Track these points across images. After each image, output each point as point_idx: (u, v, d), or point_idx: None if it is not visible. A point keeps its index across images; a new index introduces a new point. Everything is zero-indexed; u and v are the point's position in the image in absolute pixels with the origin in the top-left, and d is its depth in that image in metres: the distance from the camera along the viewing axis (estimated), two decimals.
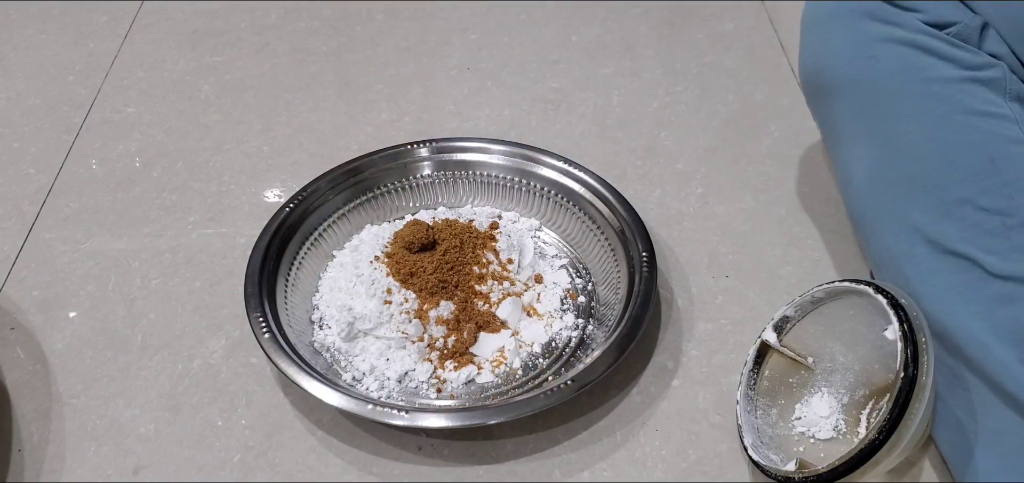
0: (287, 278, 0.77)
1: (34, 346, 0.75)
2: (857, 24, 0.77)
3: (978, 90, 0.70)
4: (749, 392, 0.68)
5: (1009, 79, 0.71)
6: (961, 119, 0.69)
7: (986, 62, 0.72)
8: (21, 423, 0.70)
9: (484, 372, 0.72)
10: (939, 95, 0.70)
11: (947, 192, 0.66)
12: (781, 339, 0.69)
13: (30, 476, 0.66)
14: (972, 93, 0.70)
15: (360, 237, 0.82)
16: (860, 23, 0.77)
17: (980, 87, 0.71)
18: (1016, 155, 0.66)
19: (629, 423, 0.69)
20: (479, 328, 0.73)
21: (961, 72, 0.71)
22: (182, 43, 1.13)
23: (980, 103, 0.70)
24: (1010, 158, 0.66)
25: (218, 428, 0.69)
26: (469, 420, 0.65)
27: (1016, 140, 0.67)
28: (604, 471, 0.67)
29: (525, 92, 1.04)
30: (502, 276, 0.77)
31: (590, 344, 0.74)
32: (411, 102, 1.03)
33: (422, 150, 0.87)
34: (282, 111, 1.02)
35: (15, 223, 0.87)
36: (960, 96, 0.70)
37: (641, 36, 1.12)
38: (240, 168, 0.94)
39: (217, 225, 0.87)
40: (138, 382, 0.73)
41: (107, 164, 0.94)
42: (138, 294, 0.80)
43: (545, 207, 0.84)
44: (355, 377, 0.71)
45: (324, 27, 1.15)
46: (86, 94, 1.04)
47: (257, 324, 0.70)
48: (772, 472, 0.62)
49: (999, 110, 0.69)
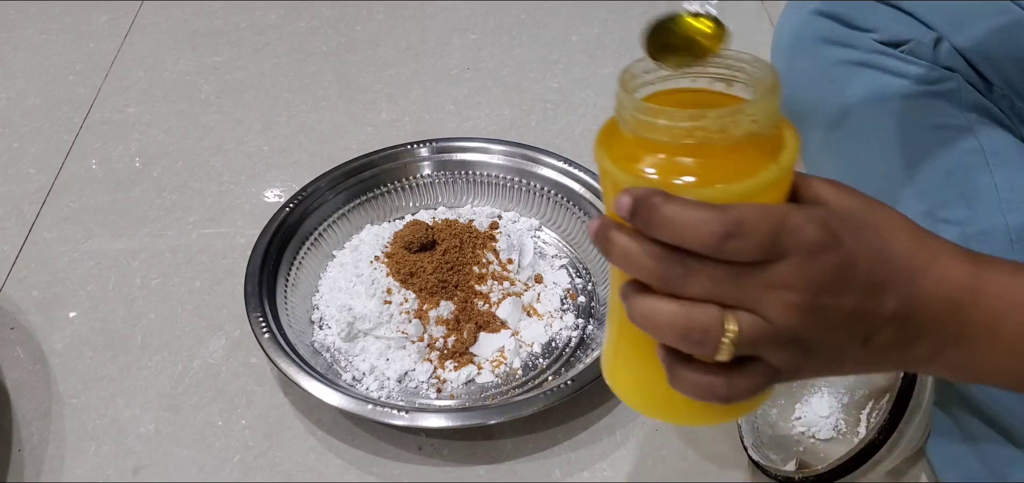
0: (287, 278, 0.77)
1: (34, 346, 0.75)
2: (817, 50, 0.78)
3: (935, 103, 0.71)
4: None
5: (965, 90, 0.72)
6: (919, 133, 0.70)
7: (941, 75, 0.73)
8: (21, 423, 0.70)
9: (484, 372, 0.72)
10: (897, 112, 0.71)
11: (908, 206, 0.66)
12: None
13: (30, 476, 0.66)
14: (929, 107, 0.71)
15: (360, 237, 0.82)
16: (819, 49, 0.78)
17: (936, 100, 0.71)
18: (973, 165, 0.66)
19: (629, 423, 0.69)
20: (479, 328, 0.73)
21: (917, 87, 0.72)
22: (182, 43, 1.13)
23: (937, 116, 0.70)
24: (967, 168, 0.66)
25: (218, 428, 0.69)
26: (469, 420, 0.65)
27: (973, 150, 0.67)
28: (604, 471, 0.67)
29: (525, 92, 1.04)
30: (502, 276, 0.77)
31: (590, 344, 0.74)
32: (411, 102, 1.03)
33: (422, 150, 0.87)
34: (282, 111, 1.02)
35: (15, 223, 0.87)
36: (917, 111, 0.71)
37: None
38: (240, 168, 0.94)
39: (217, 225, 0.87)
40: (138, 382, 0.73)
41: (107, 164, 0.94)
42: (138, 294, 0.80)
43: (545, 207, 0.84)
44: (355, 377, 0.71)
45: (324, 27, 1.15)
46: (86, 94, 1.04)
47: (257, 324, 0.70)
48: (772, 472, 0.62)
49: (955, 121, 0.70)
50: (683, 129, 0.38)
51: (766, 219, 0.37)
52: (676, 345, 0.39)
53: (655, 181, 0.38)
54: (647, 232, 0.37)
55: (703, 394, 0.39)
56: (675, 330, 0.38)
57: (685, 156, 0.38)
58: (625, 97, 0.40)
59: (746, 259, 0.37)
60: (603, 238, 0.39)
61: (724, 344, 0.37)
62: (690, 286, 0.37)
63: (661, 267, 0.38)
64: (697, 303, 0.38)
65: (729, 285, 0.37)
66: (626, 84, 0.41)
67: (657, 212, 0.37)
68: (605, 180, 0.41)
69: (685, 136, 0.38)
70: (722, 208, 0.36)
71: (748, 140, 0.38)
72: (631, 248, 0.38)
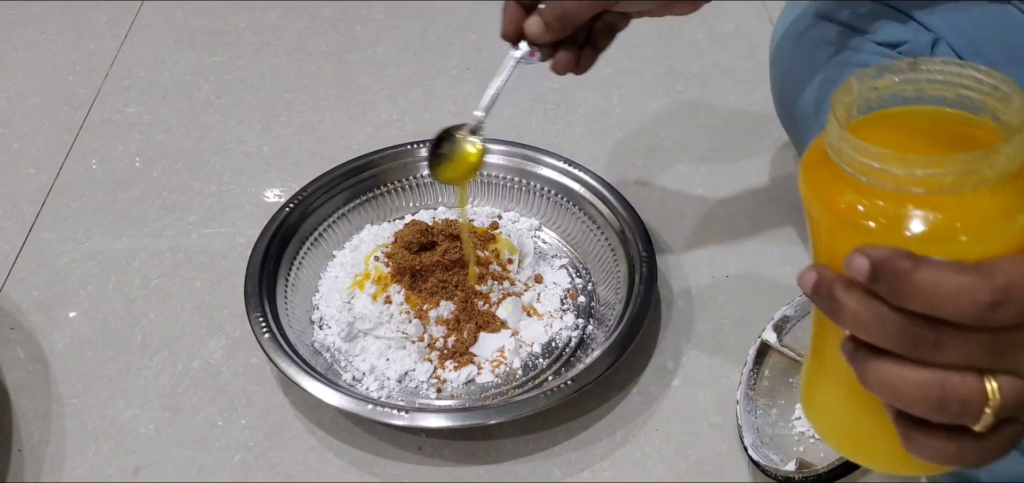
0: (287, 278, 0.77)
1: (34, 346, 0.75)
2: (816, 52, 0.78)
3: None
4: (749, 392, 0.68)
5: None
6: None
7: None
8: (21, 423, 0.70)
9: (484, 372, 0.72)
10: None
11: None
12: (781, 339, 0.69)
13: (30, 476, 0.66)
14: None
15: (360, 237, 0.82)
16: (818, 50, 0.78)
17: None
18: None
19: (629, 423, 0.69)
20: (479, 328, 0.73)
21: None
22: (182, 43, 1.13)
23: None
24: None
25: (218, 428, 0.69)
26: (469, 420, 0.65)
27: None
28: (604, 471, 0.67)
29: (525, 92, 1.04)
30: (502, 276, 0.77)
31: (590, 344, 0.74)
32: (411, 102, 1.03)
33: (422, 150, 0.86)
34: (282, 111, 1.02)
35: (15, 223, 0.87)
36: None
37: (641, 36, 1.11)
38: (240, 168, 0.94)
39: (217, 225, 0.87)
40: (138, 382, 0.73)
41: (107, 164, 0.94)
42: (138, 294, 0.80)
43: (545, 207, 0.84)
44: (355, 377, 0.71)
45: (324, 27, 1.15)
46: (86, 94, 1.04)
47: (257, 324, 0.70)
48: (772, 472, 0.62)
49: None
50: (918, 178, 0.32)
51: None
52: (925, 416, 0.35)
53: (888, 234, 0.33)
54: (891, 300, 0.33)
55: (949, 460, 0.36)
56: (927, 403, 0.34)
57: (924, 205, 0.33)
58: (840, 135, 0.34)
59: (1012, 324, 0.32)
60: (828, 298, 0.35)
61: (987, 414, 0.34)
62: (945, 355, 0.33)
63: (909, 336, 0.33)
64: (953, 371, 0.33)
65: (990, 352, 0.33)
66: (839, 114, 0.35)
67: (907, 280, 0.32)
68: (817, 225, 0.36)
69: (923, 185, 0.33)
70: (986, 273, 0.32)
71: (1001, 182, 0.33)
72: (868, 316, 0.34)
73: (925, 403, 0.34)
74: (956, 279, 0.32)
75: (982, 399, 0.33)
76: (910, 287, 0.32)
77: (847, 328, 0.35)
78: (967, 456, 0.35)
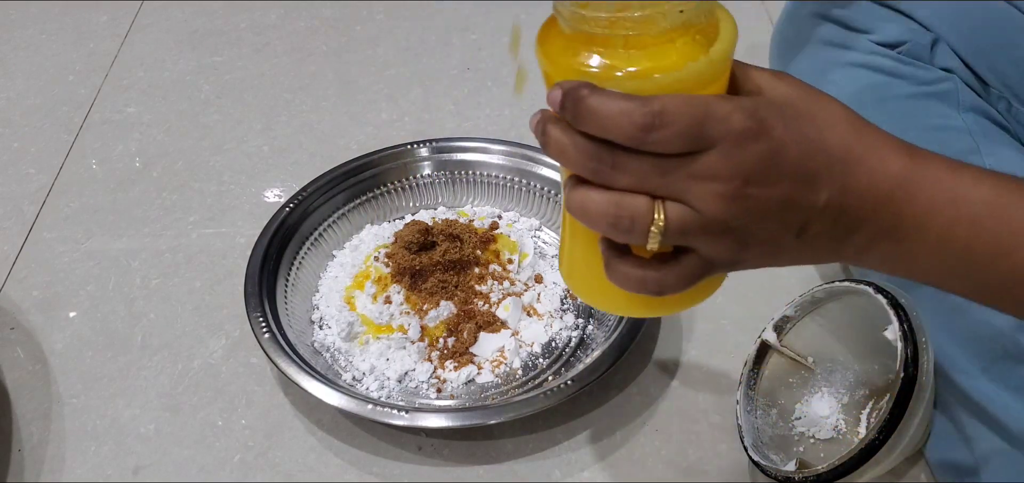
0: (287, 278, 0.77)
1: (34, 346, 0.75)
2: (816, 52, 0.78)
3: (932, 105, 0.71)
4: (749, 392, 0.68)
5: (961, 91, 0.72)
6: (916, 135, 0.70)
7: (938, 77, 0.73)
8: (21, 423, 0.70)
9: (484, 372, 0.72)
10: (894, 113, 0.71)
11: None
12: (781, 339, 0.69)
13: (30, 476, 0.66)
14: (926, 108, 0.71)
15: (360, 237, 0.82)
16: (818, 51, 0.78)
17: (934, 101, 0.71)
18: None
19: (629, 423, 0.69)
20: (479, 328, 0.73)
21: (914, 88, 0.72)
22: (182, 43, 1.13)
23: (934, 117, 0.70)
24: None
25: (218, 428, 0.69)
26: (469, 420, 0.65)
27: (970, 151, 0.68)
28: (604, 471, 0.67)
29: (525, 92, 1.03)
30: (502, 276, 0.77)
31: (590, 344, 0.74)
32: (411, 102, 1.03)
33: (422, 150, 0.87)
34: (282, 111, 1.02)
35: (15, 223, 0.87)
36: (915, 112, 0.71)
37: None
38: (240, 168, 0.94)
39: (217, 225, 0.87)
40: (138, 382, 0.73)
41: (107, 164, 0.94)
42: (138, 294, 0.80)
43: (545, 207, 0.84)
44: (355, 377, 0.71)
45: (324, 27, 1.15)
46: (86, 94, 1.04)
47: (257, 324, 0.70)
48: (772, 472, 0.62)
49: (952, 122, 0.70)
50: (605, 19, 0.38)
51: (689, 109, 0.36)
52: (607, 234, 0.40)
53: (587, 75, 0.38)
54: (575, 125, 0.38)
55: (635, 286, 0.40)
56: (605, 218, 0.38)
57: (617, 49, 0.38)
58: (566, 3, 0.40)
59: (670, 150, 0.37)
60: (541, 131, 0.40)
61: (653, 233, 0.38)
62: (619, 177, 0.38)
63: (590, 159, 0.38)
64: (628, 193, 0.38)
65: (657, 176, 0.37)
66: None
67: (582, 104, 0.37)
68: (545, 78, 0.42)
69: (612, 27, 0.38)
70: (644, 99, 0.36)
71: (682, 31, 0.38)
72: (564, 141, 0.39)
73: (604, 220, 0.39)
74: (619, 103, 0.36)
75: (649, 217, 0.38)
76: (585, 110, 0.37)
77: (551, 156, 0.40)
78: (649, 282, 0.40)
